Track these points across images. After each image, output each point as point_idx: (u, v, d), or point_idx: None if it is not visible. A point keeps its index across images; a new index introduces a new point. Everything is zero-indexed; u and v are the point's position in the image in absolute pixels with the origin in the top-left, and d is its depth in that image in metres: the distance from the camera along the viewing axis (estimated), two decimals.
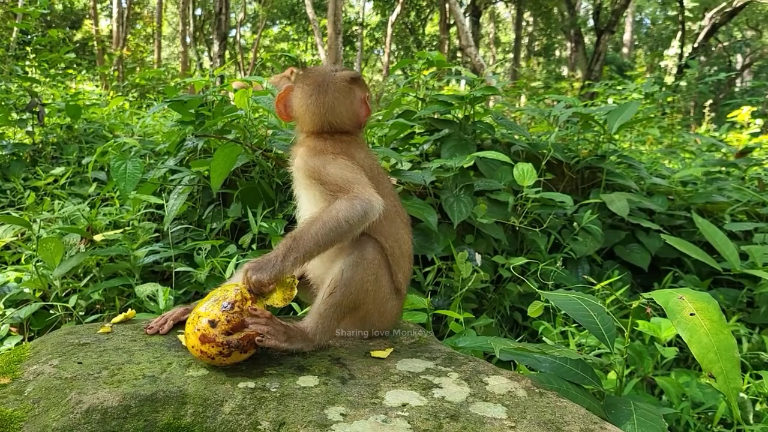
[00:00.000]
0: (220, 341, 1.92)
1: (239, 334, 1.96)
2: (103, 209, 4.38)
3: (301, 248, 2.09)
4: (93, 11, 23.48)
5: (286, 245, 2.09)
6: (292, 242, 2.09)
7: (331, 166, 2.22)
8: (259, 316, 2.02)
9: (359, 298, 2.20)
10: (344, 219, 2.10)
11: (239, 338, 1.95)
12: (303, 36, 32.39)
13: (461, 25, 14.05)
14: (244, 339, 1.96)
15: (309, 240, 2.09)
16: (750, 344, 3.48)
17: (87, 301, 3.50)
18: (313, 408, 1.76)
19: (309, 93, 2.37)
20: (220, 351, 1.92)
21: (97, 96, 10.13)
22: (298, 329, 2.13)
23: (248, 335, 1.97)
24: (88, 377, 1.88)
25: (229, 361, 1.96)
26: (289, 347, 2.09)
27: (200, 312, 2.01)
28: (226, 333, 1.94)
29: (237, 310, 1.99)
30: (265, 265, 2.07)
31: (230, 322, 1.95)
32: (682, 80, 15.27)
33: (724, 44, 30.92)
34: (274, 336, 2.03)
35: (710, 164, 5.97)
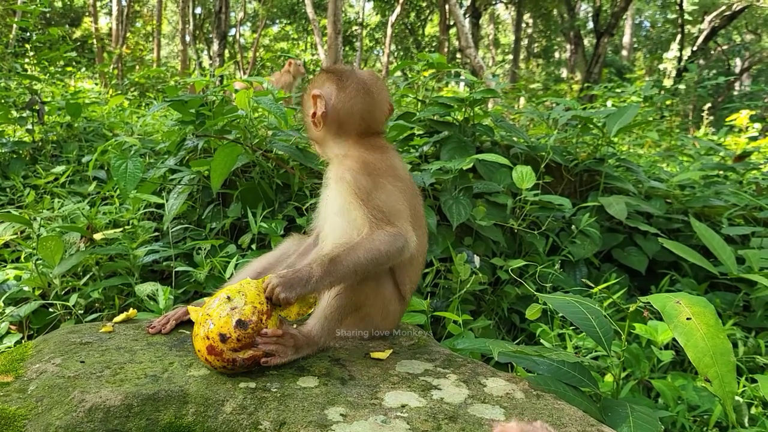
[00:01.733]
0: (226, 357, 1.91)
1: (246, 353, 1.94)
2: (103, 208, 4.39)
3: (339, 273, 2.06)
4: (93, 9, 23.48)
5: (324, 267, 2.03)
6: (330, 265, 2.04)
7: (382, 192, 2.17)
8: (269, 336, 1.98)
9: (360, 300, 2.22)
10: (385, 253, 2.09)
11: (245, 358, 1.93)
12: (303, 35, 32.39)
13: (461, 26, 14.07)
14: (250, 359, 1.94)
15: (348, 266, 2.06)
16: (746, 348, 3.50)
17: (86, 300, 3.51)
18: (313, 408, 1.78)
19: (354, 95, 2.30)
20: (224, 365, 1.92)
21: (97, 94, 10.13)
22: (305, 336, 2.12)
23: (255, 356, 1.95)
24: (91, 376, 1.90)
25: (230, 373, 1.96)
26: (297, 357, 2.08)
27: (211, 314, 1.97)
28: (234, 350, 1.93)
29: (250, 332, 1.95)
30: (296, 284, 2.01)
31: (240, 341, 1.93)
32: (681, 83, 15.31)
33: (723, 48, 30.96)
34: (281, 355, 2.00)
35: (708, 168, 5.99)
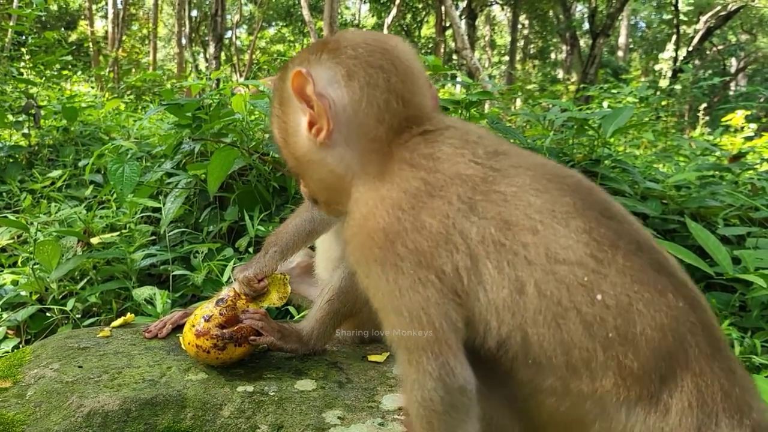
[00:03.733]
0: (214, 333, 1.97)
1: (233, 328, 2.00)
2: (100, 212, 4.39)
3: (282, 240, 2.22)
4: (88, 12, 23.47)
5: (267, 242, 2.23)
6: (273, 238, 2.23)
7: None
8: (254, 313, 2.08)
9: (356, 307, 2.23)
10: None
11: (233, 330, 2.00)
12: (299, 38, 32.39)
13: (457, 27, 14.10)
14: (238, 331, 2.01)
15: (287, 230, 2.25)
16: (742, 347, 3.51)
17: (84, 304, 3.51)
18: (311, 412, 1.79)
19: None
20: (214, 344, 1.96)
21: (93, 98, 10.12)
22: (294, 330, 2.17)
23: (242, 328, 2.02)
24: (89, 381, 1.90)
25: (225, 356, 1.98)
26: (284, 346, 2.13)
27: (197, 313, 2.06)
28: (220, 326, 1.99)
29: (230, 304, 2.06)
30: (249, 264, 2.18)
31: (224, 315, 2.02)
32: (677, 84, 15.36)
33: (718, 48, 31.06)
34: (268, 332, 2.06)
35: (704, 168, 6.01)
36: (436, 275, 1.15)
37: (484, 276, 1.14)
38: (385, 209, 1.19)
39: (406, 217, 1.17)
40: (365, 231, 1.20)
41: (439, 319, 1.14)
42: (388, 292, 1.17)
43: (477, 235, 1.15)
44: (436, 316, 1.14)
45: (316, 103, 1.27)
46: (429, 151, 1.23)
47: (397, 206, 1.18)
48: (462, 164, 1.20)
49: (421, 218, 1.16)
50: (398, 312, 1.16)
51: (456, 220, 1.15)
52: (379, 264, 1.18)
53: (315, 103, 1.27)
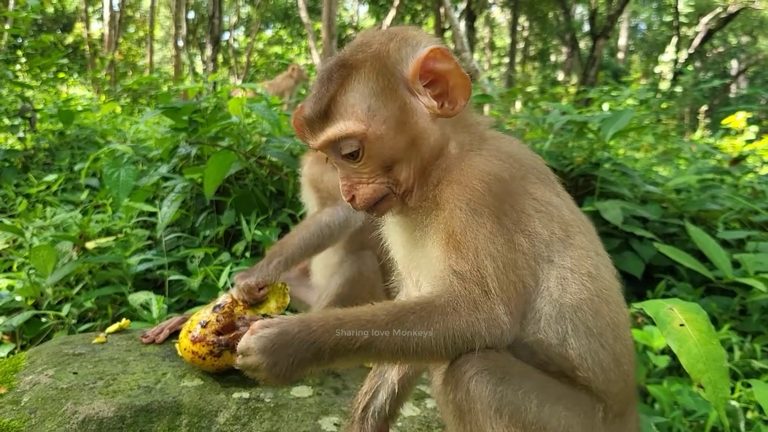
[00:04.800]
0: (210, 340, 1.95)
1: (229, 335, 1.98)
2: (96, 216, 4.37)
3: (287, 251, 2.18)
4: (85, 15, 23.44)
5: (271, 251, 2.19)
6: (278, 248, 2.18)
7: None
8: (250, 319, 2.04)
9: None
10: (326, 224, 2.15)
11: (229, 337, 1.98)
12: (297, 40, 32.38)
13: (456, 29, 14.08)
14: (234, 338, 1.98)
15: (294, 243, 2.20)
16: (742, 352, 3.49)
17: (79, 309, 3.49)
18: (307, 418, 1.77)
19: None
20: (210, 350, 1.95)
21: (89, 101, 10.11)
22: None
23: (238, 336, 1.99)
24: (84, 388, 1.88)
25: (221, 363, 1.97)
26: None
27: (194, 319, 2.05)
28: (217, 333, 1.98)
29: (227, 311, 2.05)
30: (251, 271, 2.15)
31: (220, 322, 2.01)
32: (678, 86, 15.36)
33: (719, 50, 31.10)
34: None
35: (704, 172, 6.00)
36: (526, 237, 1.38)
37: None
38: (502, 164, 1.41)
39: (518, 174, 1.41)
40: (483, 176, 1.37)
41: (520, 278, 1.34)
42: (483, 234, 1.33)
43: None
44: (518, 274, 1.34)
45: (455, 76, 1.40)
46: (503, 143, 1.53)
47: (508, 168, 1.41)
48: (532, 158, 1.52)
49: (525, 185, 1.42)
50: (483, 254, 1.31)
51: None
52: (486, 207, 1.34)
53: (454, 76, 1.40)
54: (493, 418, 1.24)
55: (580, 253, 1.42)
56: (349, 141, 1.38)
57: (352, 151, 1.39)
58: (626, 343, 1.47)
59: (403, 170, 1.43)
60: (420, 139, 1.42)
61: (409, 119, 1.40)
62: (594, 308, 1.39)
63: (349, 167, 1.43)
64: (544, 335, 1.36)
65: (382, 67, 1.39)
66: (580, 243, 1.43)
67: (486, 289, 1.28)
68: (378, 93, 1.38)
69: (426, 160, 1.45)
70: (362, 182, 1.42)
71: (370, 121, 1.37)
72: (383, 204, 1.45)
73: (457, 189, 1.37)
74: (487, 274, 1.29)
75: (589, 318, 1.38)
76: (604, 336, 1.39)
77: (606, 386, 1.38)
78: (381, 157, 1.40)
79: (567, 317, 1.36)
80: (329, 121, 1.39)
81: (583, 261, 1.41)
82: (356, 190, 1.43)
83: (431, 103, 1.41)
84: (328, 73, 1.42)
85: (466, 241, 1.31)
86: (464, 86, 1.40)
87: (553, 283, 1.37)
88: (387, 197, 1.44)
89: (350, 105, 1.37)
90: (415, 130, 1.41)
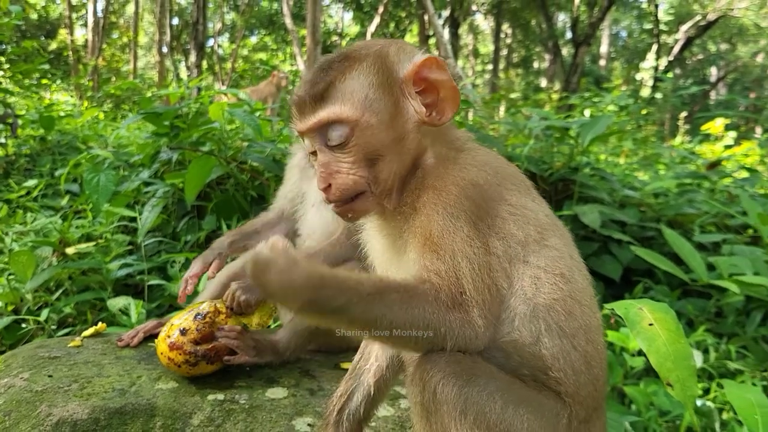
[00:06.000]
0: (187, 350, 1.95)
1: (207, 345, 1.98)
2: (76, 222, 4.35)
3: None
4: (68, 20, 23.29)
5: None
6: None
7: None
8: (229, 331, 2.04)
9: None
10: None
11: (207, 348, 1.98)
12: (282, 46, 32.37)
13: (440, 36, 14.16)
14: (212, 350, 1.98)
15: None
16: (717, 353, 3.54)
17: (59, 315, 3.47)
18: (281, 419, 1.78)
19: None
20: (186, 359, 1.95)
21: (71, 107, 10.05)
22: (270, 342, 2.16)
23: (216, 347, 2.00)
24: (58, 390, 1.88)
25: (196, 372, 1.97)
26: (259, 361, 2.11)
27: (174, 322, 2.04)
28: (195, 342, 1.97)
29: (208, 321, 2.02)
30: (255, 288, 2.05)
31: (200, 331, 1.99)
32: (658, 93, 15.52)
33: (698, 57, 31.49)
34: (243, 351, 2.05)
35: (682, 177, 6.08)
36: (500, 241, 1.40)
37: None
38: (477, 171, 1.43)
39: (493, 180, 1.43)
40: (458, 182, 1.39)
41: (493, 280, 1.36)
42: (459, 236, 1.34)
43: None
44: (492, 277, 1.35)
45: (447, 88, 1.45)
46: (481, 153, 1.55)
47: (483, 175, 1.42)
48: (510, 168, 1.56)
49: (501, 191, 1.44)
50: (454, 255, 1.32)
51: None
52: (462, 212, 1.36)
53: (445, 88, 1.45)
54: (458, 420, 1.25)
55: (555, 255, 1.44)
56: (340, 126, 1.40)
57: (340, 136, 1.40)
58: (598, 347, 1.48)
59: (385, 168, 1.44)
60: (405, 140, 1.45)
61: (399, 118, 1.44)
62: (567, 309, 1.40)
63: (332, 155, 1.43)
64: (518, 335, 1.37)
65: (382, 64, 1.43)
66: (554, 245, 1.45)
67: (462, 290, 1.29)
68: (376, 86, 1.42)
69: (406, 164, 1.47)
70: (342, 172, 1.42)
71: (364, 109, 1.40)
72: (359, 202, 1.45)
73: (433, 194, 1.38)
74: (462, 275, 1.30)
75: (561, 318, 1.39)
76: (577, 338, 1.41)
77: (575, 389, 1.39)
78: (367, 148, 1.41)
79: (540, 316, 1.38)
80: (324, 103, 1.40)
81: (557, 262, 1.43)
82: (334, 179, 1.42)
83: (420, 109, 1.45)
84: (328, 63, 1.45)
85: (444, 243, 1.32)
86: (453, 99, 1.46)
87: (527, 282, 1.39)
88: (364, 195, 1.44)
89: (348, 92, 1.40)
90: (403, 130, 1.45)
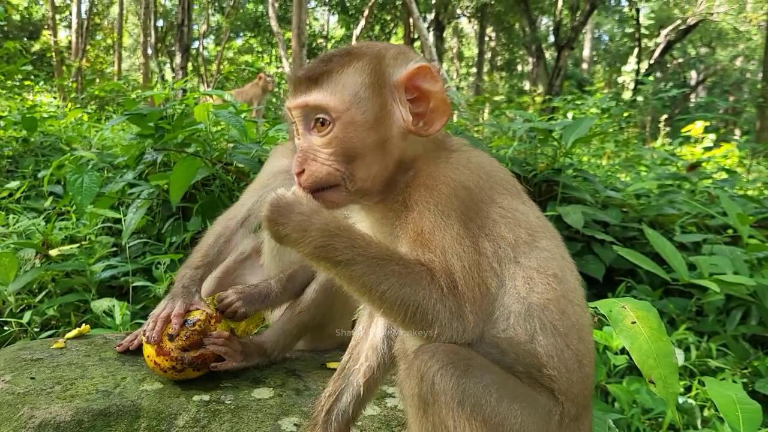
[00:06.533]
0: (174, 356, 1.93)
1: (194, 352, 1.97)
2: (60, 223, 4.32)
3: (296, 289, 2.24)
4: (52, 22, 23.10)
5: (281, 283, 2.21)
6: (288, 282, 2.22)
7: None
8: (217, 337, 2.03)
9: (326, 320, 2.24)
10: None
11: (194, 356, 1.96)
12: (267, 48, 32.31)
13: (425, 39, 14.21)
14: (199, 358, 1.97)
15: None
16: (699, 351, 3.59)
17: (42, 317, 3.44)
18: (267, 419, 1.78)
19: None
20: (173, 366, 1.93)
21: (55, 108, 9.97)
22: (256, 345, 2.15)
23: (203, 354, 1.98)
24: (41, 392, 1.87)
25: (181, 377, 1.97)
26: (246, 365, 2.11)
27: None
28: (183, 349, 1.95)
29: (197, 329, 1.99)
30: (255, 299, 2.14)
31: (189, 338, 1.97)
32: (639, 96, 15.68)
33: (679, 61, 31.83)
34: (231, 357, 2.04)
35: (663, 178, 6.15)
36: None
37: None
38: (470, 173, 1.43)
39: (484, 183, 1.45)
40: (450, 182, 1.40)
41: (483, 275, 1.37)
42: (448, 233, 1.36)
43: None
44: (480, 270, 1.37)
45: (437, 99, 1.43)
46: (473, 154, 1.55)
47: (475, 178, 1.44)
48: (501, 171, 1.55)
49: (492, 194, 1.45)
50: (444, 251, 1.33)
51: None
52: (453, 210, 1.37)
53: (436, 99, 1.43)
54: (456, 411, 1.27)
55: (546, 256, 1.46)
56: (324, 115, 1.41)
57: (323, 125, 1.42)
58: (589, 345, 1.51)
59: (363, 167, 1.43)
60: (388, 144, 1.44)
61: (385, 121, 1.43)
62: (560, 308, 1.42)
63: (312, 141, 1.44)
64: (513, 332, 1.39)
65: (378, 65, 1.44)
66: (545, 246, 1.47)
67: (454, 284, 1.31)
68: (368, 86, 1.42)
69: (388, 168, 1.46)
70: (318, 160, 1.42)
71: (352, 105, 1.40)
72: (330, 193, 1.44)
73: (425, 192, 1.39)
74: (454, 271, 1.31)
75: (555, 317, 1.41)
76: (570, 336, 1.43)
77: (568, 386, 1.41)
78: (347, 144, 1.41)
79: (535, 315, 1.39)
80: (316, 87, 1.42)
81: (549, 263, 1.45)
82: (309, 165, 1.42)
83: (408, 117, 1.44)
84: (330, 55, 1.47)
85: (434, 239, 1.34)
86: (444, 111, 1.44)
87: (520, 282, 1.41)
88: (337, 187, 1.44)
89: (341, 84, 1.41)
90: (386, 134, 1.44)
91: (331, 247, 1.26)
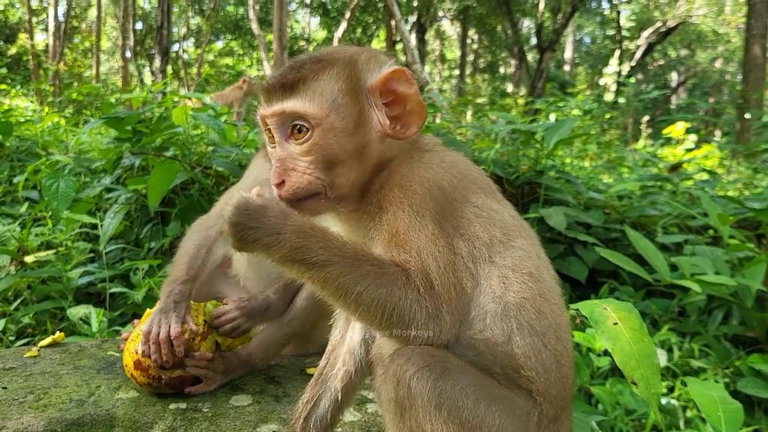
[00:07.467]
0: (152, 374, 1.87)
1: (173, 372, 1.90)
2: (35, 229, 4.24)
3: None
4: (28, 25, 22.81)
5: (279, 294, 2.20)
6: (285, 292, 2.21)
7: None
8: (199, 359, 1.96)
9: (315, 326, 2.20)
10: None
11: (171, 377, 1.89)
12: (248, 51, 32.18)
13: (407, 41, 14.22)
14: (177, 379, 1.90)
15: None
16: (681, 352, 3.60)
17: (17, 325, 3.38)
18: (245, 427, 1.75)
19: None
20: (149, 383, 1.88)
21: (32, 112, 9.84)
22: (240, 358, 2.09)
23: (182, 376, 1.91)
24: (13, 402, 1.82)
25: (156, 392, 1.91)
26: (226, 381, 2.05)
27: (142, 328, 1.93)
28: (161, 367, 1.87)
29: (180, 349, 1.91)
30: (256, 313, 2.11)
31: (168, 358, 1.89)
32: (620, 97, 15.81)
33: (659, 63, 32.17)
34: (210, 381, 1.98)
35: (645, 179, 6.18)
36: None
37: None
38: (443, 172, 1.42)
39: (459, 183, 1.44)
40: (424, 182, 1.39)
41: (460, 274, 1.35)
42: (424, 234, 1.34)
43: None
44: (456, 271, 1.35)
45: (413, 102, 1.43)
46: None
47: (449, 177, 1.42)
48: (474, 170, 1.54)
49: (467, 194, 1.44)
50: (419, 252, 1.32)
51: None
52: (427, 210, 1.36)
53: (412, 102, 1.43)
54: (433, 414, 1.25)
55: (521, 254, 1.44)
56: (303, 122, 1.38)
57: (300, 132, 1.39)
58: (567, 345, 1.49)
59: (343, 174, 1.42)
60: (367, 149, 1.43)
61: (363, 126, 1.42)
62: (537, 307, 1.40)
63: (290, 150, 1.40)
64: (490, 333, 1.37)
65: (352, 71, 1.42)
66: (521, 245, 1.45)
67: (430, 284, 1.29)
68: (344, 92, 1.40)
69: (366, 173, 1.45)
70: (298, 170, 1.39)
71: (330, 111, 1.38)
72: (310, 202, 1.42)
73: (399, 192, 1.38)
74: (430, 271, 1.29)
75: (532, 317, 1.39)
76: (547, 336, 1.41)
77: (546, 387, 1.39)
78: (327, 151, 1.39)
79: (512, 315, 1.38)
80: (293, 95, 1.38)
81: (525, 261, 1.43)
82: (289, 176, 1.39)
83: (384, 121, 1.43)
84: (300, 62, 1.43)
85: (409, 240, 1.32)
86: (419, 114, 1.44)
87: (495, 282, 1.39)
88: (317, 196, 1.42)
89: (318, 91, 1.38)
90: (365, 139, 1.43)
91: (306, 248, 1.24)
